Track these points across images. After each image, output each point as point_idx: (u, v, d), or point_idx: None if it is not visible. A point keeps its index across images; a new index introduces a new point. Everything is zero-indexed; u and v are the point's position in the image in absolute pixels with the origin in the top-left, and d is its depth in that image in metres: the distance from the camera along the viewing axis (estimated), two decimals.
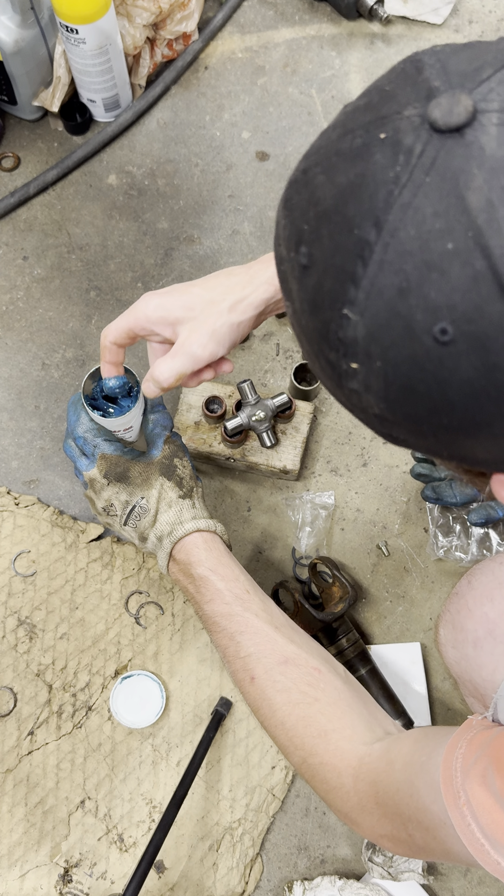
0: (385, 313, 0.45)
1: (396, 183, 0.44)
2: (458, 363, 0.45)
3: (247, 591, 0.86)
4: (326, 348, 0.49)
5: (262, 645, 0.83)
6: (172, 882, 0.98)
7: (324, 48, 1.40)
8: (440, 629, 0.90)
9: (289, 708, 0.80)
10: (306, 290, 0.50)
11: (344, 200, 0.46)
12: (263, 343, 1.22)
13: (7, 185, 1.31)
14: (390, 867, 0.97)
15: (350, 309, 0.47)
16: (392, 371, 0.47)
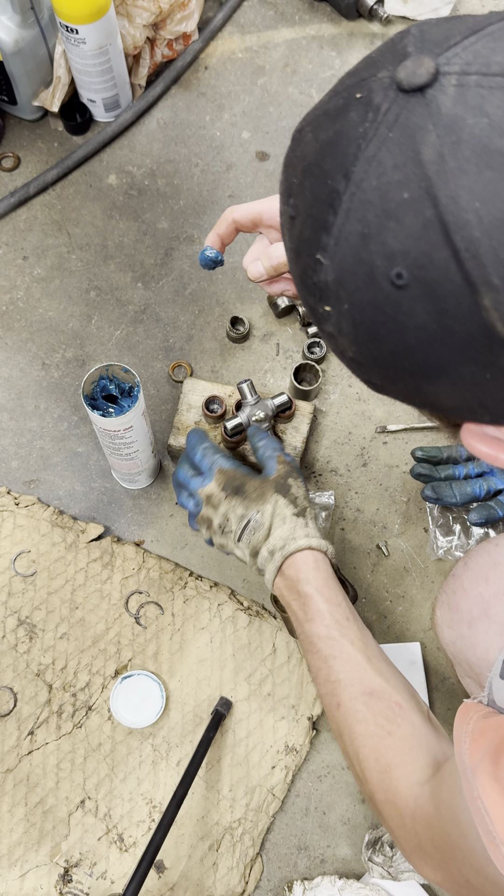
0: (350, 258, 0.49)
1: (364, 138, 0.48)
2: (413, 307, 0.48)
3: (347, 617, 0.86)
4: (306, 293, 0.54)
5: (351, 673, 0.83)
6: (172, 882, 0.98)
7: (324, 48, 1.40)
8: (436, 610, 0.91)
9: (363, 739, 0.80)
10: (292, 239, 0.54)
11: (323, 155, 0.50)
12: (263, 343, 1.22)
13: (7, 185, 1.31)
14: (390, 867, 0.97)
15: (322, 255, 0.50)
16: (358, 314, 0.50)
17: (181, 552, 1.13)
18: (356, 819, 1.02)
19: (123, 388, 0.98)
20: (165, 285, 1.25)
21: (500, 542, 0.89)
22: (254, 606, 1.09)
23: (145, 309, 1.24)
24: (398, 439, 1.18)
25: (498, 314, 0.46)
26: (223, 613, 1.08)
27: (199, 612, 1.09)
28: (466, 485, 1.08)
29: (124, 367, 0.95)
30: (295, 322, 1.23)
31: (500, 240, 0.45)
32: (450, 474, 1.09)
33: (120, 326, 1.23)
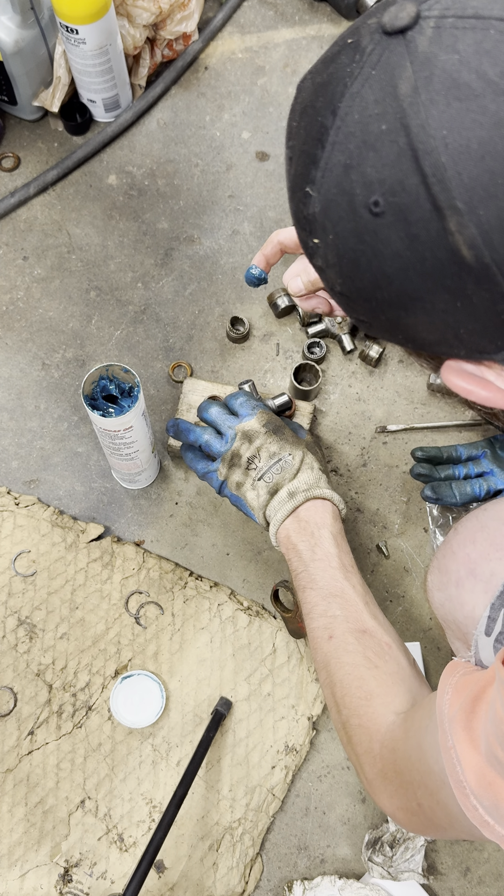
0: (334, 189, 0.53)
1: (351, 76, 0.52)
2: (389, 235, 0.51)
3: (353, 565, 0.91)
4: (299, 228, 0.57)
5: (349, 611, 0.87)
6: (172, 882, 0.98)
7: (324, 48, 1.40)
8: (428, 576, 0.94)
9: (350, 668, 0.84)
10: (289, 179, 0.57)
11: (316, 95, 0.54)
12: (263, 343, 1.22)
13: (7, 185, 1.31)
14: (390, 867, 0.97)
15: (311, 187, 0.54)
16: (341, 244, 0.54)
17: (181, 552, 1.13)
18: (356, 819, 1.02)
19: (123, 388, 0.98)
20: (165, 285, 1.25)
21: (489, 507, 0.92)
22: (254, 606, 1.09)
23: (145, 309, 1.24)
24: (398, 439, 1.18)
25: (462, 238, 0.49)
26: (223, 613, 1.08)
27: (199, 612, 1.09)
28: (466, 485, 1.08)
29: (124, 368, 0.95)
30: (295, 322, 1.23)
31: (464, 165, 0.48)
32: (450, 474, 1.09)
33: (120, 326, 1.23)
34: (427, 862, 0.99)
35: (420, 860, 0.97)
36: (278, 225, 1.29)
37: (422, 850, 0.97)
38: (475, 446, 1.11)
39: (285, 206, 1.30)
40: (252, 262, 0.97)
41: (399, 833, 0.98)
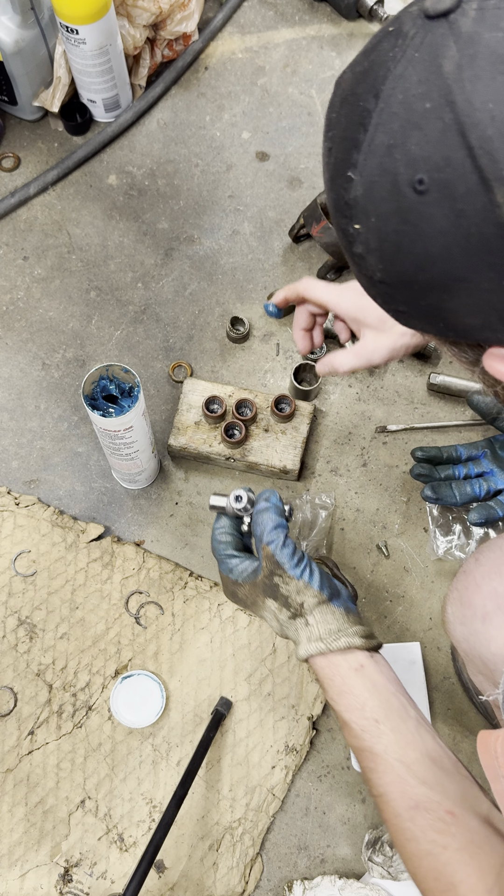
0: (377, 169, 0.52)
1: (393, 60, 0.52)
2: (433, 212, 0.51)
3: (375, 720, 0.79)
4: (339, 216, 0.56)
5: (390, 786, 0.77)
6: (172, 881, 0.99)
7: (324, 48, 1.40)
8: (447, 607, 0.89)
9: (417, 860, 0.75)
10: (329, 169, 0.57)
11: (357, 83, 0.54)
12: (263, 343, 1.23)
13: (7, 186, 1.31)
14: (390, 867, 0.97)
15: (353, 171, 0.54)
16: (384, 225, 0.53)
17: (181, 552, 1.13)
18: (356, 819, 1.02)
19: (123, 388, 0.98)
20: (165, 285, 1.26)
21: None
22: None
23: (145, 309, 1.24)
24: (398, 439, 1.18)
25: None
26: (223, 613, 1.09)
27: (199, 612, 1.09)
28: (466, 485, 1.08)
29: (124, 368, 0.95)
30: None
31: None
32: (449, 474, 1.09)
33: (120, 326, 1.23)
34: None
35: None
36: (278, 225, 1.29)
37: None
38: (475, 446, 1.11)
39: (285, 206, 1.30)
40: (273, 297, 0.98)
41: None
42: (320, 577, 0.83)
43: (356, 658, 0.82)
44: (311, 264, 1.27)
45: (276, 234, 1.29)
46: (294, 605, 0.83)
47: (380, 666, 0.82)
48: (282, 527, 0.85)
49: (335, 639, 0.81)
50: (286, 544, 0.84)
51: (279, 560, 0.83)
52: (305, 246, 1.28)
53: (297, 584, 0.83)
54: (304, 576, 0.83)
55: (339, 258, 1.20)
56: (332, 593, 0.83)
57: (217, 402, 1.13)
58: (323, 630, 0.82)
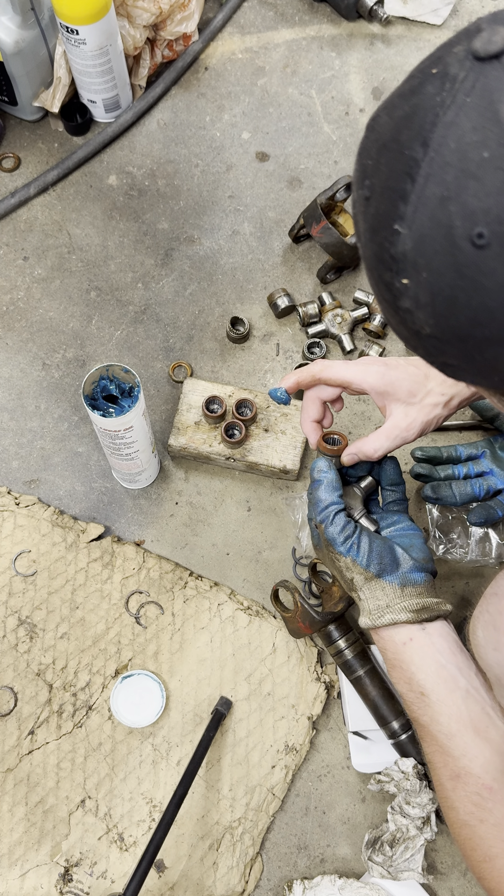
0: (429, 223, 0.49)
1: (442, 106, 0.49)
2: (494, 266, 0.48)
3: (421, 692, 0.82)
4: (382, 269, 0.53)
5: (434, 756, 0.81)
6: (173, 881, 0.99)
7: (324, 49, 1.40)
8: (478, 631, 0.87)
9: (457, 828, 0.78)
10: (367, 220, 0.54)
11: (398, 130, 0.51)
12: (263, 343, 1.23)
13: (7, 186, 1.31)
14: (390, 866, 0.97)
15: (400, 224, 0.51)
16: (437, 280, 0.50)
17: (181, 552, 1.13)
18: (356, 818, 1.02)
19: (124, 388, 0.98)
20: (165, 286, 1.26)
21: None
22: (254, 606, 1.09)
23: (145, 309, 1.24)
24: None
25: None
26: (223, 613, 1.09)
27: (199, 611, 1.09)
28: (466, 485, 1.08)
29: (124, 368, 0.95)
30: (295, 322, 1.23)
31: None
32: (449, 474, 1.09)
33: (120, 327, 1.24)
34: (427, 861, 0.99)
35: (420, 860, 0.97)
36: (278, 225, 1.29)
37: (422, 850, 0.98)
38: (475, 446, 1.11)
39: (285, 206, 1.30)
40: (281, 383, 0.93)
41: (399, 833, 0.98)
42: (369, 553, 0.86)
43: (406, 632, 0.85)
44: (311, 264, 1.27)
45: (276, 235, 1.29)
46: (346, 579, 0.87)
47: (432, 637, 0.85)
48: (333, 503, 0.88)
49: (380, 615, 0.85)
50: (334, 521, 0.87)
51: (328, 537, 0.87)
52: (305, 246, 1.28)
53: (345, 561, 0.86)
54: (350, 552, 0.86)
55: (339, 258, 1.20)
56: (384, 568, 0.86)
57: (217, 402, 1.13)
58: (372, 605, 0.86)
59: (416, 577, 0.86)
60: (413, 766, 0.97)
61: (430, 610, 0.85)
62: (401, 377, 0.88)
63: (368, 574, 0.85)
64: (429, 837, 0.97)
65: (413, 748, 0.98)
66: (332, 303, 1.22)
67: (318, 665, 1.06)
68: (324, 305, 1.22)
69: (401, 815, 0.99)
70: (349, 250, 1.19)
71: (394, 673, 0.85)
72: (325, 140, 1.34)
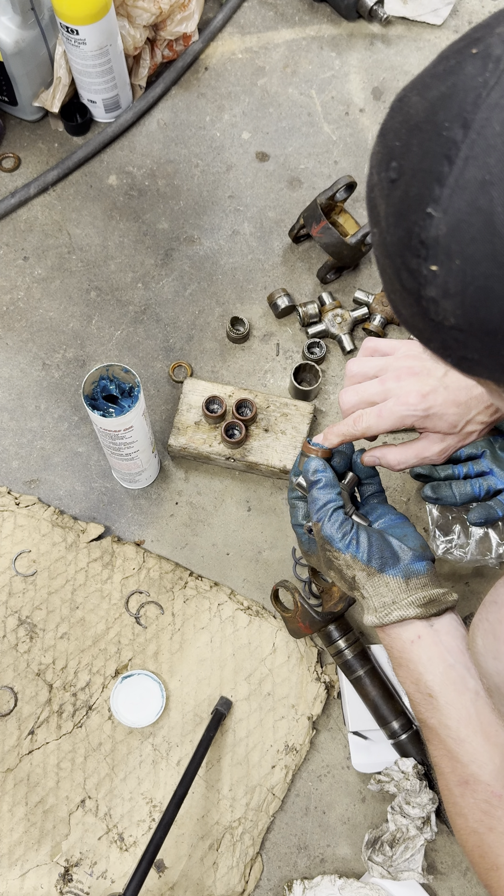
0: (467, 207, 0.47)
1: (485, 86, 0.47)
2: None
3: (430, 694, 0.80)
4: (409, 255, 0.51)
5: (442, 760, 0.79)
6: (173, 881, 0.99)
7: (324, 49, 1.40)
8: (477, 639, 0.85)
9: (465, 834, 0.77)
10: (393, 203, 0.51)
11: (434, 110, 0.49)
12: (263, 343, 1.23)
13: (7, 186, 1.31)
14: (390, 866, 0.97)
15: (434, 208, 0.48)
16: (471, 269, 0.48)
17: (181, 552, 1.13)
18: (356, 818, 1.02)
19: (124, 388, 0.98)
20: (165, 285, 1.26)
21: None
22: (254, 606, 1.09)
23: (145, 309, 1.24)
24: (398, 439, 1.18)
25: None
26: (223, 613, 1.09)
27: (199, 611, 1.09)
28: (466, 484, 1.08)
29: (124, 368, 0.95)
30: (295, 322, 1.23)
31: None
32: (449, 474, 1.09)
33: (120, 327, 1.24)
34: (427, 861, 0.99)
35: (420, 860, 0.97)
36: (278, 225, 1.29)
37: (422, 850, 0.98)
38: (475, 446, 1.11)
39: (285, 206, 1.30)
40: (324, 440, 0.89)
41: (399, 833, 0.98)
42: (369, 548, 0.84)
43: (414, 629, 0.82)
44: (311, 265, 1.27)
45: (276, 235, 1.29)
46: (347, 578, 0.85)
47: (440, 635, 0.82)
48: (331, 501, 0.86)
49: (387, 612, 0.82)
50: (332, 519, 0.85)
51: (326, 535, 0.85)
52: (305, 246, 1.28)
53: (345, 558, 0.84)
54: (350, 549, 0.84)
55: (339, 258, 1.20)
56: (385, 562, 0.84)
57: (217, 402, 1.13)
58: (377, 603, 0.83)
59: (419, 567, 0.85)
60: (413, 766, 0.97)
61: (438, 602, 0.83)
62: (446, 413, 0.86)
63: (371, 570, 0.84)
64: (429, 837, 0.97)
65: (413, 748, 0.98)
66: (332, 303, 1.22)
67: (318, 665, 1.06)
68: (324, 305, 1.22)
69: (401, 815, 0.99)
70: (349, 250, 1.19)
71: (400, 672, 0.83)
72: (325, 140, 1.34)
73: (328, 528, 0.85)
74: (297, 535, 0.91)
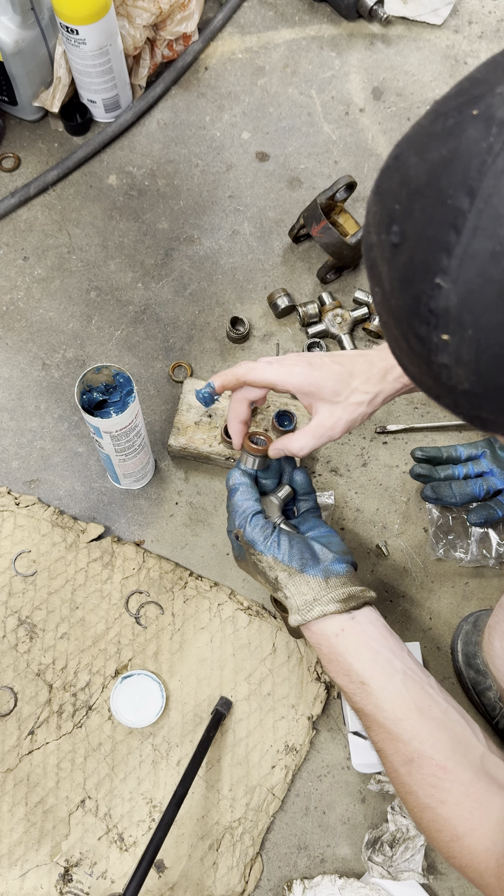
0: (478, 279, 0.46)
1: (490, 152, 0.45)
2: None
3: (361, 682, 0.82)
4: (417, 323, 0.50)
5: (384, 743, 0.80)
6: (173, 881, 0.99)
7: (324, 49, 1.40)
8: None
9: (419, 812, 0.77)
10: (397, 269, 0.50)
11: (437, 175, 0.47)
12: (263, 343, 1.23)
13: (7, 186, 1.31)
14: (390, 866, 0.97)
15: (442, 278, 0.47)
16: (484, 338, 0.47)
17: (181, 552, 1.13)
18: (356, 818, 1.02)
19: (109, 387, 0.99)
20: (165, 285, 1.26)
21: None
22: (254, 606, 1.09)
23: (145, 309, 1.24)
24: (398, 439, 1.18)
25: None
26: (223, 613, 1.09)
27: (199, 611, 1.09)
28: (466, 485, 1.08)
29: (96, 369, 0.95)
30: (295, 322, 1.24)
31: None
32: (449, 474, 1.09)
33: (120, 327, 1.24)
34: (427, 861, 0.99)
35: (420, 860, 0.97)
36: (278, 225, 1.29)
37: (422, 850, 0.98)
38: (475, 446, 1.11)
39: (285, 206, 1.30)
40: (212, 380, 0.91)
41: (399, 833, 0.98)
42: (289, 548, 0.87)
43: (337, 623, 0.85)
44: (311, 264, 1.27)
45: (276, 234, 1.29)
46: (271, 579, 0.88)
47: (362, 625, 0.85)
48: (250, 507, 0.90)
49: (309, 609, 0.85)
50: (252, 523, 0.89)
51: (248, 539, 0.88)
52: (305, 246, 1.28)
53: (267, 560, 0.88)
54: (271, 550, 0.87)
55: (339, 258, 1.20)
56: (305, 563, 0.87)
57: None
58: (300, 601, 0.86)
59: (338, 567, 0.87)
60: None
61: (357, 598, 0.85)
62: (325, 377, 0.87)
63: (291, 569, 0.86)
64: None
65: None
66: (332, 303, 1.22)
67: (318, 665, 1.06)
68: (324, 305, 1.22)
69: (401, 815, 0.99)
70: (349, 250, 1.19)
71: (331, 667, 0.85)
72: (325, 140, 1.34)
73: (249, 531, 0.88)
74: (231, 541, 0.93)
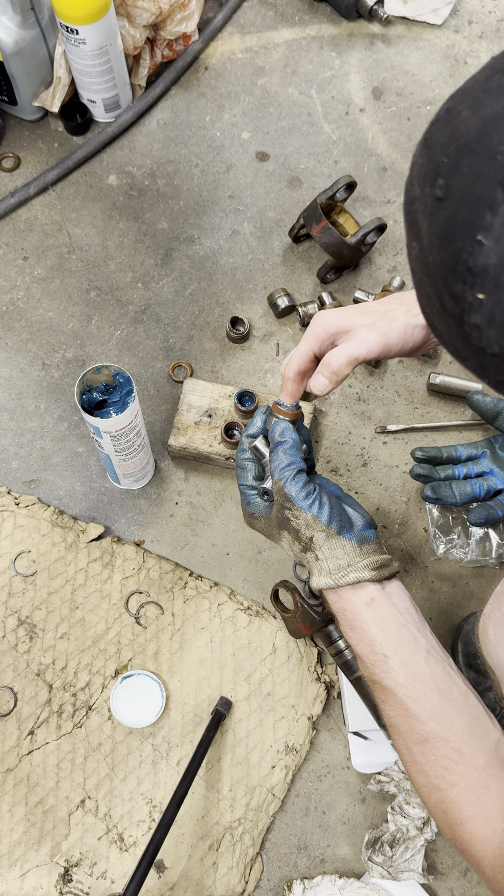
0: None
1: None
2: None
3: (384, 654, 0.80)
4: (453, 280, 0.49)
5: (399, 719, 0.79)
6: (172, 881, 0.99)
7: (324, 49, 1.40)
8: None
9: (427, 792, 0.77)
10: (438, 223, 0.50)
11: (489, 131, 0.47)
12: (263, 343, 1.23)
13: (7, 186, 1.31)
14: (390, 867, 0.97)
15: (484, 235, 0.47)
16: None
17: (181, 552, 1.13)
18: (356, 819, 1.02)
19: (109, 387, 0.99)
20: (165, 285, 1.26)
21: None
22: (254, 606, 1.09)
23: (145, 309, 1.24)
24: (398, 439, 1.18)
25: None
26: (223, 613, 1.09)
27: (199, 612, 1.09)
28: (466, 485, 1.08)
29: (96, 368, 0.95)
30: (295, 322, 1.23)
31: None
32: (449, 474, 1.09)
33: (120, 326, 1.23)
34: (427, 862, 0.99)
35: (420, 860, 0.97)
36: (278, 225, 1.29)
37: (422, 850, 0.98)
38: (475, 446, 1.11)
39: (285, 206, 1.30)
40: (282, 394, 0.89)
41: (399, 833, 0.98)
42: (330, 510, 0.85)
43: (367, 592, 0.83)
44: (311, 264, 1.27)
45: (276, 234, 1.29)
46: (304, 538, 0.85)
47: (392, 597, 0.84)
48: (295, 463, 0.87)
49: (343, 574, 0.83)
50: (296, 479, 0.86)
51: (289, 494, 0.85)
52: (305, 246, 1.28)
53: (305, 518, 0.84)
54: (312, 509, 0.84)
55: (339, 258, 1.20)
56: (343, 526, 0.85)
57: (237, 427, 1.12)
58: (332, 565, 0.84)
59: (369, 533, 0.86)
60: None
61: (388, 567, 0.84)
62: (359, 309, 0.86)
63: (330, 531, 0.84)
64: (429, 838, 0.97)
65: None
66: (332, 303, 1.22)
67: (318, 665, 1.06)
68: (324, 305, 1.22)
69: (401, 816, 0.99)
70: (349, 250, 1.19)
71: (353, 634, 0.84)
72: (325, 140, 1.34)
73: (292, 487, 0.85)
74: (245, 496, 0.91)
